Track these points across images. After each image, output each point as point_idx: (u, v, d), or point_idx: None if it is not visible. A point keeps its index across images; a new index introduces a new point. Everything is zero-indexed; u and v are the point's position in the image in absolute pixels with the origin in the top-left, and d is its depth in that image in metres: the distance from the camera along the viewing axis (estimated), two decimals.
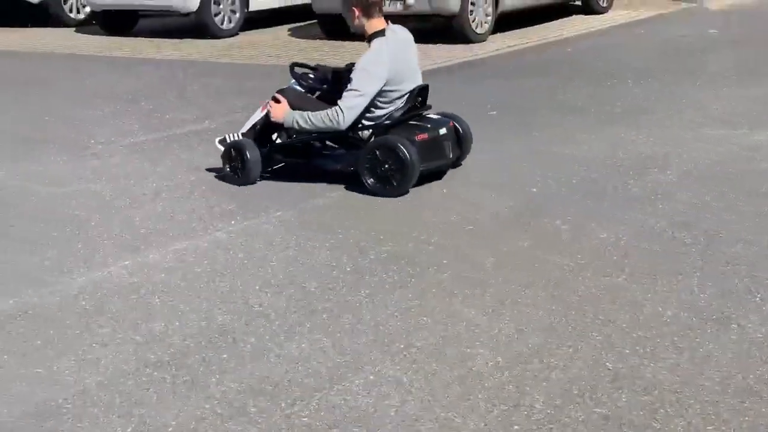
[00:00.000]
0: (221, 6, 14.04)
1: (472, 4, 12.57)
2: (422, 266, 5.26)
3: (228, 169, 6.96)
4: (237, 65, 11.84)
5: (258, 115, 7.08)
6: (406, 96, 6.80)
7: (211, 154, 7.47)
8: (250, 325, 4.59)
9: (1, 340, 4.50)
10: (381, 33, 6.74)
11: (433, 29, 13.31)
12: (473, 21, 12.64)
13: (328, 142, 6.97)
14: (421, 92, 6.94)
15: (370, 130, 6.78)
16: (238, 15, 14.28)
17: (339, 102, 6.64)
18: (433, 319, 4.59)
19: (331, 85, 7.06)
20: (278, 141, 7.02)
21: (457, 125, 7.07)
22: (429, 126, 6.87)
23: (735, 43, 12.62)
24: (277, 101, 6.86)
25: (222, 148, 7.05)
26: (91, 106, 9.60)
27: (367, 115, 6.73)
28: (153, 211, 6.33)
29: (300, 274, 5.19)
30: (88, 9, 15.61)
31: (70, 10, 16.04)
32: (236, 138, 7.02)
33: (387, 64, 6.64)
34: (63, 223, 6.14)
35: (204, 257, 5.49)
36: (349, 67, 6.88)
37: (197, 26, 14.12)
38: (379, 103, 6.74)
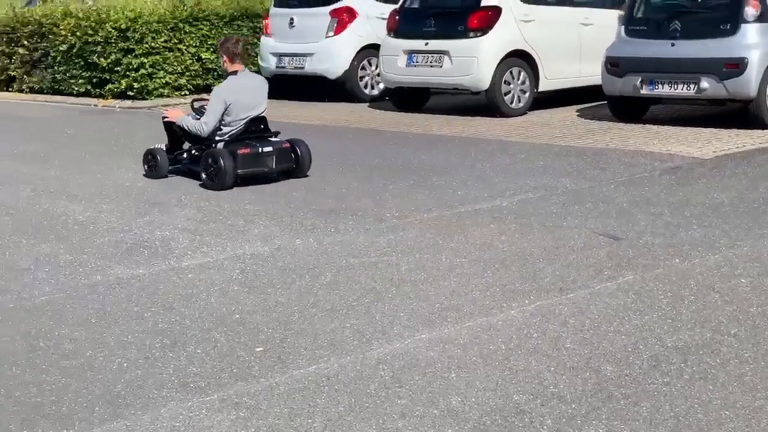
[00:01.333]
0: (511, 86, 14.25)
1: None
2: (722, 357, 5.11)
3: (146, 168, 10.43)
4: (526, 144, 11.94)
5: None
6: (244, 121, 10.07)
7: (504, 233, 7.57)
8: (545, 406, 4.59)
9: (306, 404, 4.69)
10: (233, 73, 10.15)
11: (726, 113, 13.02)
12: None
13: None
14: (257, 121, 10.15)
15: (220, 143, 10.06)
16: (527, 94, 14.45)
17: (201, 118, 10.09)
18: (735, 414, 4.45)
19: None
20: (185, 149, 10.51)
21: (296, 147, 10.17)
22: (255, 144, 9.98)
23: None
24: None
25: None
26: (386, 180, 9.92)
27: (218, 132, 10.07)
28: (447, 286, 6.45)
29: (595, 358, 5.15)
30: (381, 86, 16.22)
31: (365, 87, 16.74)
32: (156, 147, 10.49)
33: (228, 94, 10.02)
34: (361, 293, 6.35)
35: (498, 335, 5.54)
36: None
37: (487, 105, 14.38)
38: (225, 122, 10.05)
